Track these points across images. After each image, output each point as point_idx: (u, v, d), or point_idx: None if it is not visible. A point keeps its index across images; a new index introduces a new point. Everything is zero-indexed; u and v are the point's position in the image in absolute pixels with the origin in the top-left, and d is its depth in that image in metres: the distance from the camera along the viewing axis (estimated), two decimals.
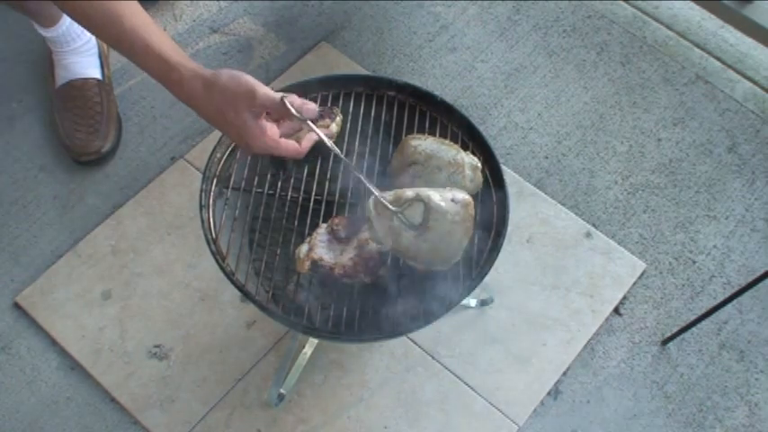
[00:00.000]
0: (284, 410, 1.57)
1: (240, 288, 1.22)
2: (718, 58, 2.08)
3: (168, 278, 1.70)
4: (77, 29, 1.81)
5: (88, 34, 1.85)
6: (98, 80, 1.86)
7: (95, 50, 1.87)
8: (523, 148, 1.92)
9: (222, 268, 1.23)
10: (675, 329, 1.67)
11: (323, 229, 1.26)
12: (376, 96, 1.42)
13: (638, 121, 1.97)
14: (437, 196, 1.14)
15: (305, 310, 1.24)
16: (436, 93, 1.41)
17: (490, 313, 1.69)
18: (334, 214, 1.30)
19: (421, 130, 1.38)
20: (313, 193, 1.33)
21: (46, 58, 1.90)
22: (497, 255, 1.26)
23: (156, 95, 1.92)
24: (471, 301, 1.67)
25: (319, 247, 1.23)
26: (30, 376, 1.60)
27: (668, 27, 2.12)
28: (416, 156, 1.29)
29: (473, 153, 1.34)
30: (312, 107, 1.18)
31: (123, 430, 1.55)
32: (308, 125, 1.17)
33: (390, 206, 1.15)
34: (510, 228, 1.29)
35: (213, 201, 1.30)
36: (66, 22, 1.78)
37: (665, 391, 1.65)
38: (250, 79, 1.13)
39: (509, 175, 1.83)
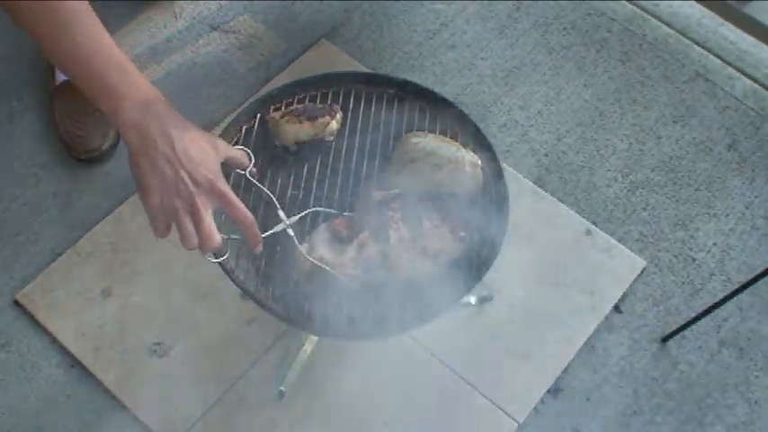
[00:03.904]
0: (284, 408, 1.57)
1: (240, 285, 1.22)
2: (718, 56, 2.08)
3: (168, 276, 1.70)
4: None
5: None
6: None
7: None
8: (523, 146, 1.92)
9: (222, 266, 1.23)
10: (675, 327, 1.67)
11: (323, 227, 1.26)
12: (376, 94, 1.42)
13: (638, 118, 1.97)
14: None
15: (305, 308, 1.24)
16: (436, 90, 1.41)
17: (490, 311, 1.69)
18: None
19: (421, 128, 1.38)
20: (313, 191, 1.33)
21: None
22: (497, 252, 1.26)
23: None
24: (471, 299, 1.67)
25: (320, 246, 1.23)
26: (29, 374, 1.60)
27: (668, 25, 2.12)
28: (416, 153, 1.29)
29: (473, 150, 1.34)
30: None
31: (123, 428, 1.55)
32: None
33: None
34: (510, 225, 1.29)
35: None
36: None
37: (665, 388, 1.65)
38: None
39: (509, 172, 1.82)
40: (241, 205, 1.09)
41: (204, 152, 1.06)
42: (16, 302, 1.67)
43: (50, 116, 1.87)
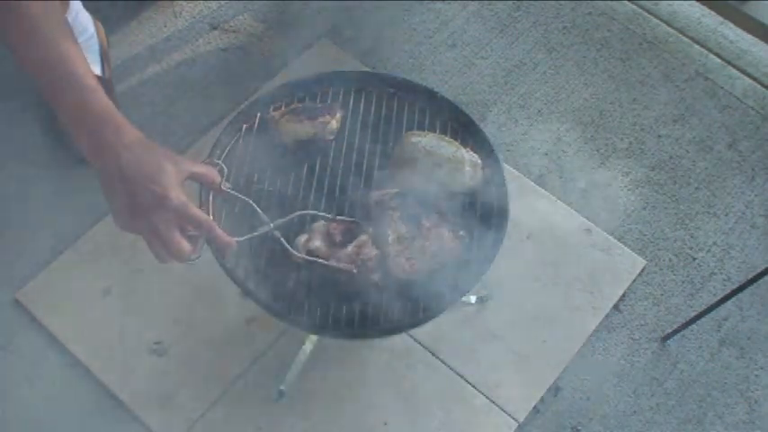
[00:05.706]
0: (284, 407, 1.57)
1: (240, 284, 1.22)
2: (718, 55, 2.08)
3: (168, 274, 1.69)
4: (81, 23, 1.80)
5: (91, 30, 1.84)
6: (98, 77, 1.85)
7: (97, 47, 1.86)
8: (523, 145, 1.92)
9: (222, 264, 1.23)
10: (675, 326, 1.67)
11: (321, 224, 1.26)
12: (376, 93, 1.42)
13: (638, 117, 1.97)
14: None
15: (305, 307, 1.24)
16: (436, 89, 1.41)
17: (490, 310, 1.69)
18: (334, 212, 1.30)
19: (421, 127, 1.38)
20: (313, 190, 1.33)
21: None
22: (497, 251, 1.26)
23: (156, 93, 1.91)
24: (471, 298, 1.67)
25: (317, 239, 1.24)
26: (29, 373, 1.60)
27: (668, 24, 2.12)
28: (417, 152, 1.29)
29: (473, 150, 1.34)
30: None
31: (123, 427, 1.55)
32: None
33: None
34: (510, 224, 1.29)
35: (213, 197, 1.30)
36: (71, 15, 1.77)
37: (664, 387, 1.65)
38: None
39: (509, 171, 1.83)
40: (196, 214, 1.06)
41: (156, 167, 1.03)
42: (17, 301, 1.66)
43: (51, 115, 1.86)
